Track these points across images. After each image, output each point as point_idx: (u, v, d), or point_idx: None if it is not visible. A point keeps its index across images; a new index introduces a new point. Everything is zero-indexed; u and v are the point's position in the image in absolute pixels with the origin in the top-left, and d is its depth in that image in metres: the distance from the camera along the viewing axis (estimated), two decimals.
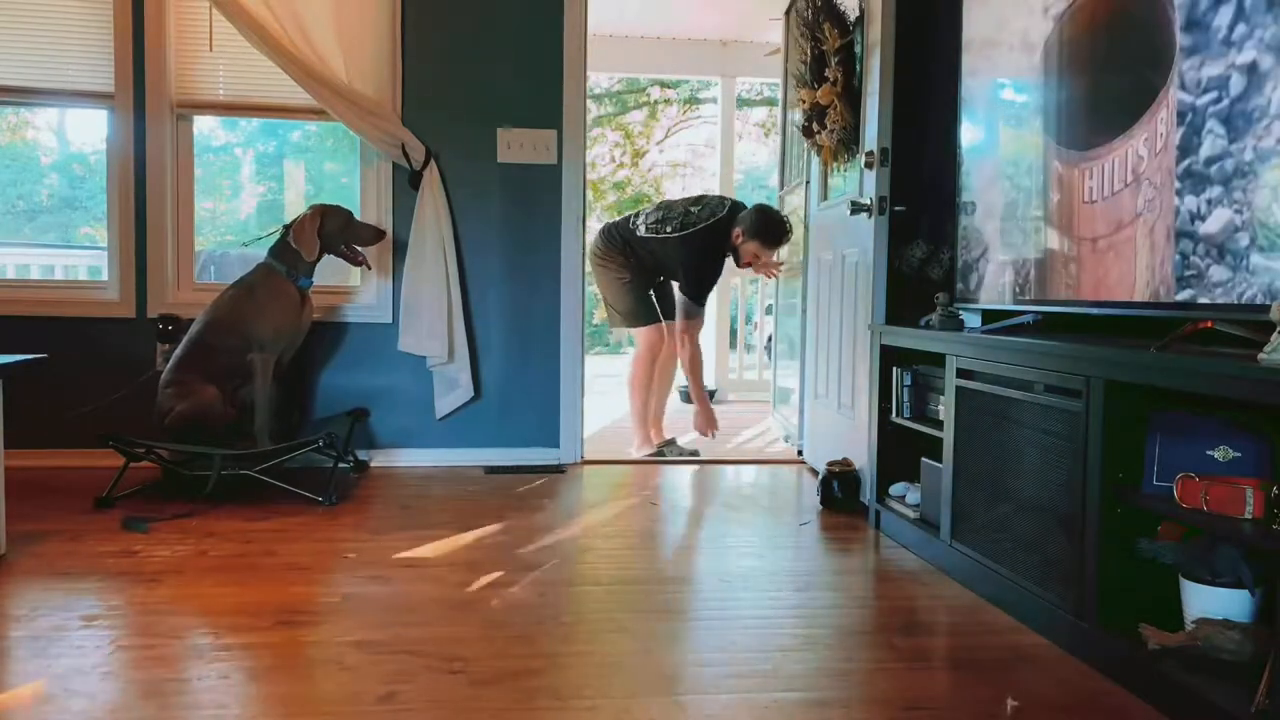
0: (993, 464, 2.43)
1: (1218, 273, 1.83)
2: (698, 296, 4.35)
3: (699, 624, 2.25)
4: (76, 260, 5.12)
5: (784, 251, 5.04)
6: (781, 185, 5.05)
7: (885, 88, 3.25)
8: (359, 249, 3.72)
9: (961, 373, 2.61)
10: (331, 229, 3.63)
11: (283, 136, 4.57)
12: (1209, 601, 1.82)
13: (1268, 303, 1.67)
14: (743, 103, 11.97)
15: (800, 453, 4.32)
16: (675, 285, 4.48)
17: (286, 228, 3.61)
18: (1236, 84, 1.78)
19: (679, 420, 4.78)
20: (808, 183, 4.26)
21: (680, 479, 3.92)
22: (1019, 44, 2.62)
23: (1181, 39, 1.92)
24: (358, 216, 3.92)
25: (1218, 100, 1.82)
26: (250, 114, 4.15)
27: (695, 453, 4.40)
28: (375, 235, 3.76)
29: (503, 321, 4.07)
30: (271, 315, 3.50)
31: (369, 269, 3.86)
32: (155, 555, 2.66)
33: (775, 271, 4.58)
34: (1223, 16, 1.81)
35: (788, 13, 4.75)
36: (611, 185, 14.31)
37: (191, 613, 2.23)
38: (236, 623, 2.16)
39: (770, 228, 4.25)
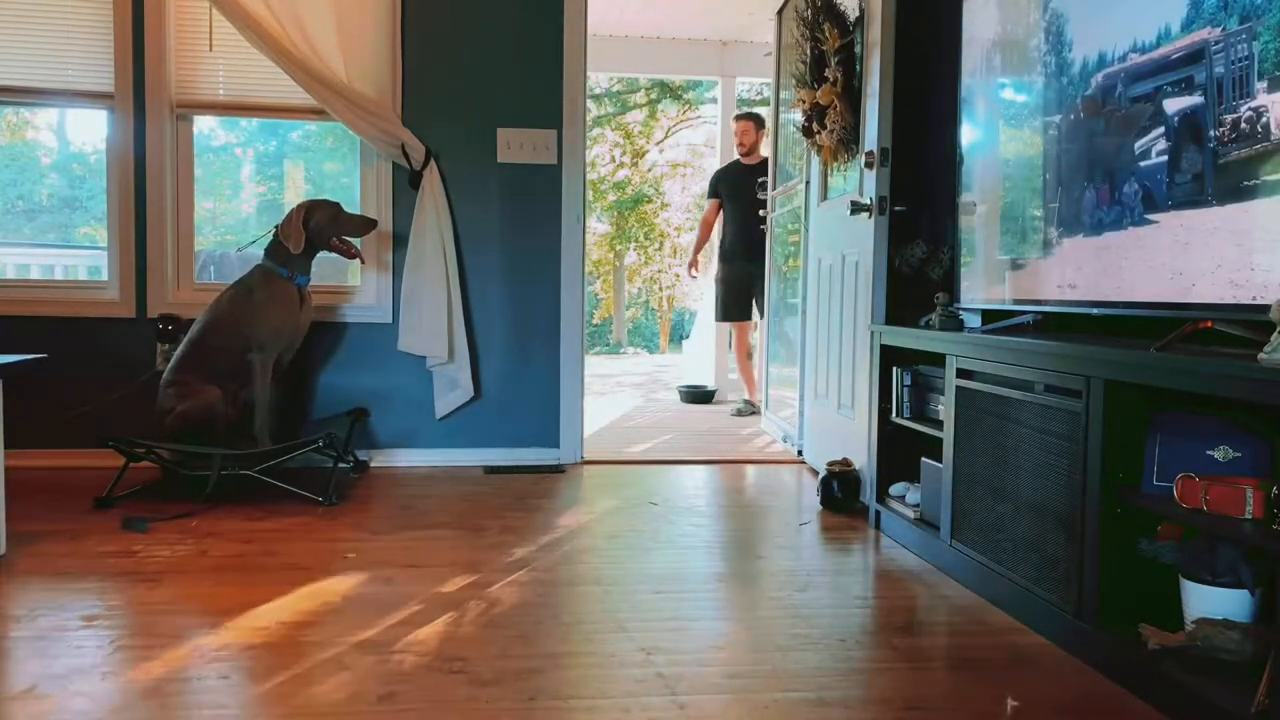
0: (993, 464, 2.43)
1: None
2: None
3: (699, 624, 2.25)
4: (76, 260, 5.11)
5: (779, 252, 5.07)
6: (774, 185, 5.04)
7: (885, 88, 3.25)
8: (352, 241, 3.70)
9: (961, 373, 2.62)
10: (319, 221, 3.59)
11: (283, 136, 4.56)
12: (1209, 601, 1.82)
13: (1268, 303, 1.67)
14: (743, 103, 11.96)
15: (800, 453, 4.32)
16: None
17: (278, 227, 3.60)
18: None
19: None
20: (808, 183, 4.26)
21: (680, 479, 3.92)
22: (1019, 43, 2.62)
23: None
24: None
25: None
26: (250, 114, 4.15)
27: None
28: (366, 225, 3.71)
29: (503, 321, 4.07)
30: (270, 315, 3.50)
31: (363, 263, 3.84)
32: (155, 555, 2.66)
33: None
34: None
35: (780, 12, 4.75)
36: (611, 185, 14.31)
37: (191, 613, 2.23)
38: (236, 623, 2.16)
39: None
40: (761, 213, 5.32)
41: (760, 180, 5.39)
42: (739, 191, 5.67)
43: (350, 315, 4.00)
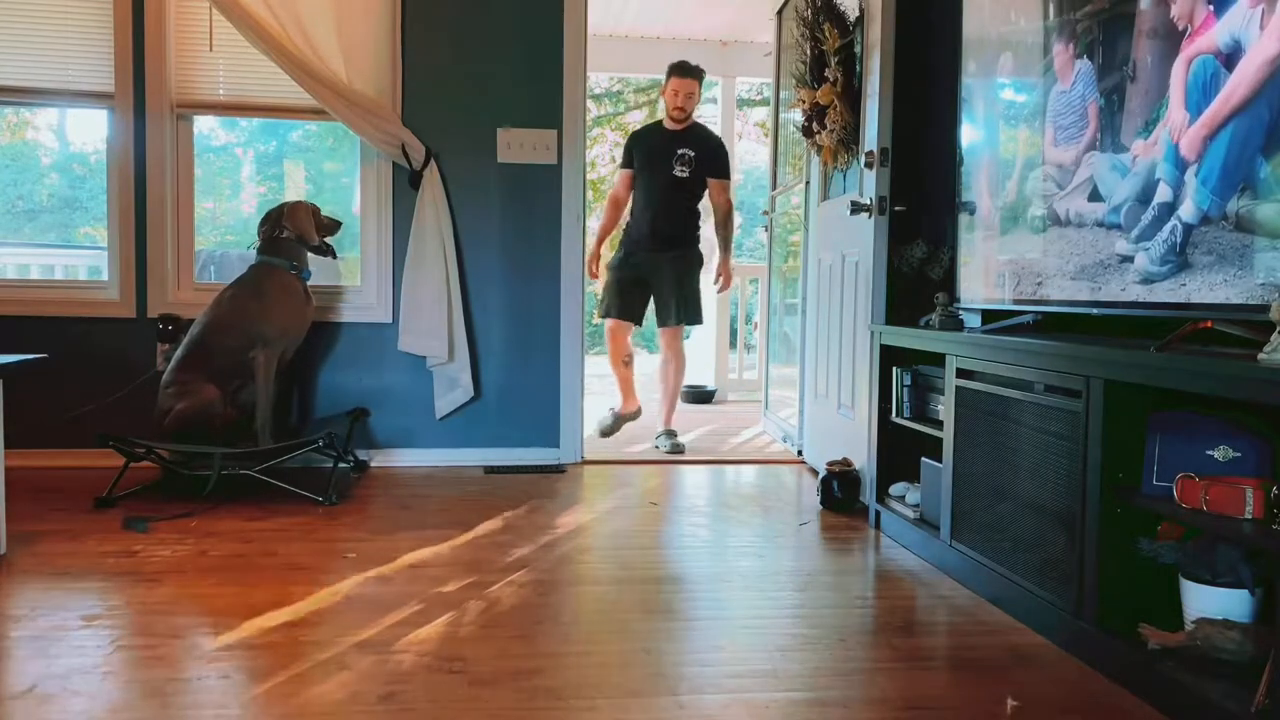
0: (993, 464, 2.43)
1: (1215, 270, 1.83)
2: None
3: (699, 624, 2.25)
4: (76, 260, 5.12)
5: (779, 252, 5.04)
6: (774, 185, 5.05)
7: (885, 88, 3.25)
8: (328, 241, 3.78)
9: (961, 373, 2.62)
10: (315, 219, 3.72)
11: (283, 136, 4.56)
12: (1209, 601, 1.82)
13: (1268, 302, 1.67)
14: (743, 103, 11.95)
15: (800, 453, 4.32)
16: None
17: (273, 227, 3.61)
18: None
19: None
20: (808, 183, 4.26)
21: (680, 479, 3.92)
22: (1019, 42, 2.62)
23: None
24: (357, 216, 4.00)
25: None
26: (250, 114, 4.15)
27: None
28: (335, 225, 3.81)
29: (503, 321, 4.07)
30: (278, 311, 3.51)
31: (335, 259, 3.86)
32: (155, 555, 2.66)
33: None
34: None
35: (780, 12, 4.75)
36: (611, 185, 14.29)
37: (191, 613, 2.23)
38: (236, 623, 2.16)
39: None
40: (679, 174, 4.50)
41: (680, 152, 4.53)
42: (654, 162, 4.56)
43: (350, 315, 4.00)
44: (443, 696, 1.80)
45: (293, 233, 3.59)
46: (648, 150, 4.62)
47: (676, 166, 4.53)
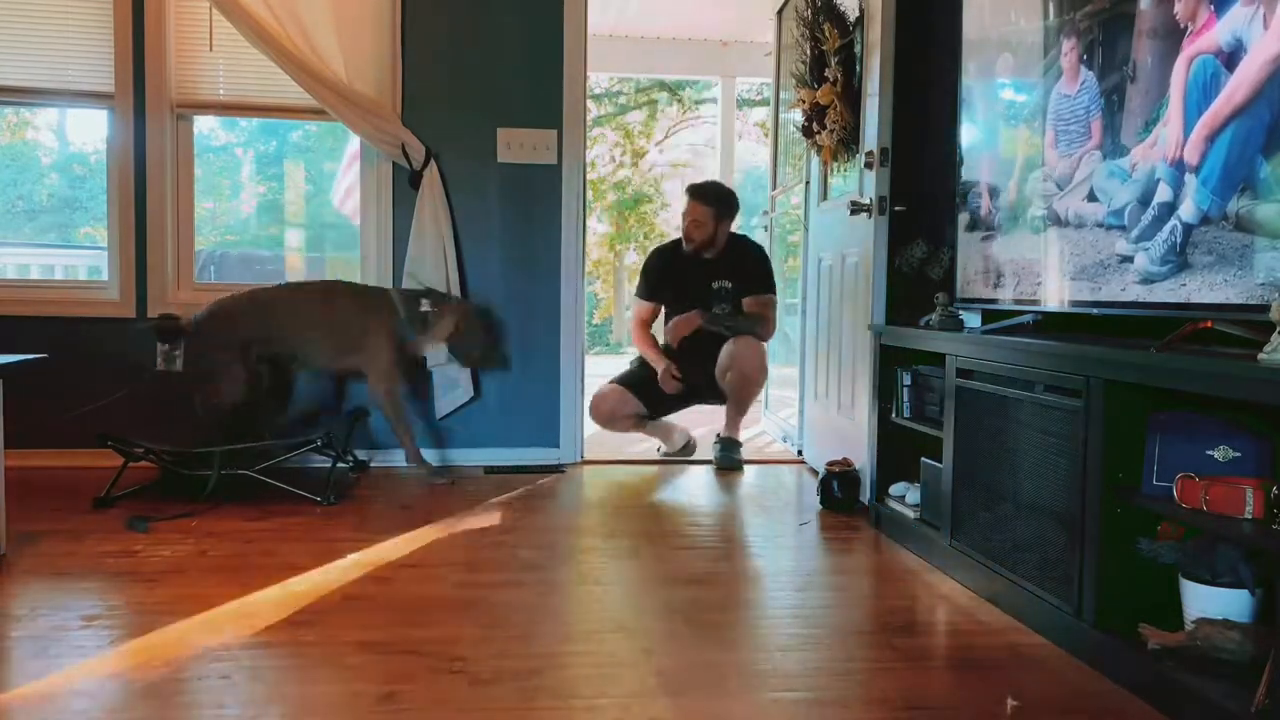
0: (993, 464, 2.43)
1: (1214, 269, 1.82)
2: None
3: (698, 624, 2.25)
4: (76, 260, 5.12)
5: (779, 252, 5.04)
6: (774, 185, 5.05)
7: (885, 88, 3.26)
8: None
9: (961, 373, 2.61)
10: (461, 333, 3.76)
11: (283, 136, 4.57)
12: (1209, 601, 1.82)
13: (1268, 302, 1.67)
14: (743, 103, 11.96)
15: (800, 453, 4.32)
16: None
17: (428, 298, 3.70)
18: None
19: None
20: (808, 183, 4.26)
21: (680, 478, 3.92)
22: (1019, 43, 2.62)
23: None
24: (357, 217, 3.96)
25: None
26: (250, 114, 4.15)
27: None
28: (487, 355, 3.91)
29: (503, 321, 4.07)
30: (385, 349, 3.63)
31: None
32: (155, 555, 2.66)
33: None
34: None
35: (780, 12, 4.75)
36: (611, 185, 14.30)
37: (192, 613, 2.23)
38: (236, 623, 2.16)
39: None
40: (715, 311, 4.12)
41: (717, 286, 4.15)
42: (689, 302, 4.18)
43: None
44: (443, 696, 1.80)
45: (441, 332, 3.71)
46: (678, 286, 4.23)
47: (715, 305, 4.17)
